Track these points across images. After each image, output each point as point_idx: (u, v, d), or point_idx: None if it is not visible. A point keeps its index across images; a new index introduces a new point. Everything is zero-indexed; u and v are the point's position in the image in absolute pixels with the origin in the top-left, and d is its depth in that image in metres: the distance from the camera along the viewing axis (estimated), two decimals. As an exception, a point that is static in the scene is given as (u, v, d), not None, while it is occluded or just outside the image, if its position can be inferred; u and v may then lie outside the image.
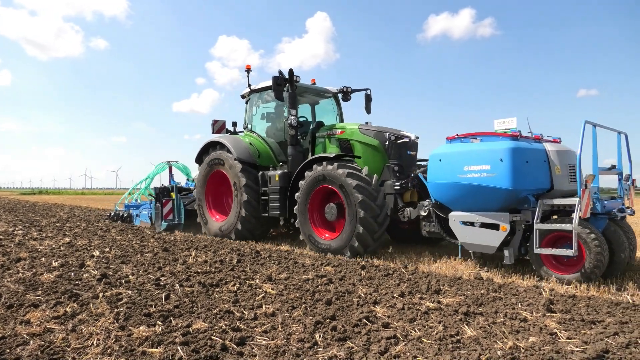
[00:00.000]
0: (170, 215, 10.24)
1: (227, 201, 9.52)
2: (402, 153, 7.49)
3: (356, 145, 7.67)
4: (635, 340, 2.99)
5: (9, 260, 6.15)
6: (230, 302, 3.99)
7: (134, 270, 5.49)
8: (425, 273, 5.36)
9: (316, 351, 2.90)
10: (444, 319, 3.53)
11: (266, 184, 8.24)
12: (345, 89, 9.48)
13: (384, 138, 7.42)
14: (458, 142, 5.79)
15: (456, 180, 5.52)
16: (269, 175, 8.23)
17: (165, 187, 10.78)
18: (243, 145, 8.82)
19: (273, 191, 8.02)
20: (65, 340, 3.07)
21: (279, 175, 7.98)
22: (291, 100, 7.99)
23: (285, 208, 7.89)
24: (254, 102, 9.52)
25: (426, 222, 6.47)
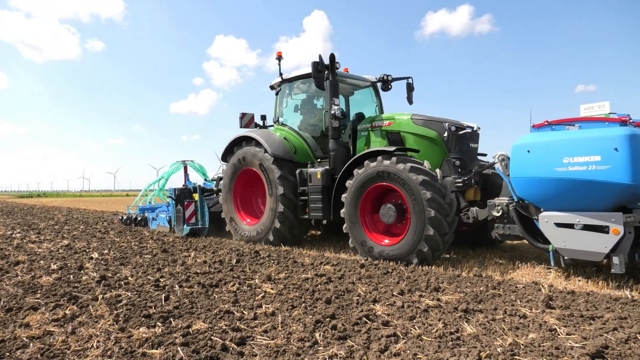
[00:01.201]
0: (192, 218, 9.33)
1: (257, 202, 8.86)
2: (464, 145, 6.75)
3: (408, 137, 6.86)
4: (635, 335, 3.00)
5: (8, 263, 6.14)
6: (230, 303, 3.99)
7: (133, 271, 5.48)
8: (424, 271, 5.36)
9: (316, 350, 2.90)
10: (443, 316, 3.54)
11: (305, 183, 7.49)
12: (385, 78, 8.59)
13: (442, 129, 6.59)
14: (548, 129, 5.01)
15: (553, 175, 4.73)
16: (309, 172, 7.42)
17: (187, 188, 9.87)
18: (277, 139, 8.04)
19: (314, 191, 7.27)
20: (65, 342, 3.07)
21: (321, 173, 7.19)
22: (333, 89, 7.15)
23: (329, 209, 7.11)
24: (285, 93, 8.79)
25: (500, 223, 5.69)
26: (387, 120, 7.15)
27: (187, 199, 9.42)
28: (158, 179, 13.10)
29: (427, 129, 6.71)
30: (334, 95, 7.13)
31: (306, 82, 8.38)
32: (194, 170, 12.16)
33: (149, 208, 12.32)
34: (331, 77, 7.15)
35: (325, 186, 7.15)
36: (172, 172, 12.49)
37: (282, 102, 8.87)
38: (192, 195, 9.56)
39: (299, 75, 8.30)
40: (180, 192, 9.65)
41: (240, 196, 8.70)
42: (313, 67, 7.02)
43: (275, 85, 8.93)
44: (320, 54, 7.11)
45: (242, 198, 8.71)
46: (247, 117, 9.14)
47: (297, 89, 8.70)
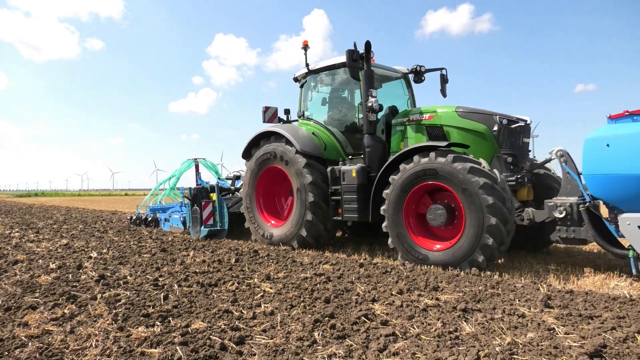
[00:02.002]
0: (210, 219, 8.84)
1: (281, 203, 8.34)
2: (516, 140, 6.17)
3: (452, 132, 6.28)
4: (633, 334, 3.00)
5: (6, 262, 6.13)
6: (228, 302, 3.99)
7: (132, 271, 5.48)
8: (423, 270, 5.36)
9: (315, 349, 2.90)
10: (442, 315, 3.54)
11: (337, 182, 6.95)
12: (418, 69, 7.97)
13: (492, 122, 6.05)
14: (629, 121, 4.60)
15: (637, 171, 4.33)
16: (342, 170, 6.86)
17: (204, 187, 9.29)
18: (305, 135, 7.49)
19: (348, 190, 6.72)
20: (63, 342, 3.07)
21: (357, 171, 6.64)
22: (369, 79, 6.60)
23: (365, 210, 6.55)
24: (311, 85, 8.24)
25: (563, 226, 5.24)
26: (427, 114, 6.56)
27: (204, 199, 8.91)
28: (169, 177, 12.49)
29: (474, 122, 6.15)
30: (371, 85, 6.61)
31: (335, 73, 7.85)
32: (206, 168, 11.68)
33: (160, 208, 11.86)
34: (366, 66, 6.62)
35: (361, 185, 6.62)
36: (184, 170, 11.95)
37: (308, 95, 8.33)
38: (210, 194, 9.05)
39: (328, 65, 7.77)
40: (197, 192, 9.10)
41: (263, 195, 8.17)
42: (348, 55, 6.48)
43: (299, 77, 8.38)
44: (355, 41, 6.59)
45: (265, 197, 8.19)
46: (270, 111, 8.59)
47: (324, 80, 8.17)
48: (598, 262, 5.91)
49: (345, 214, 6.79)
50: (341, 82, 7.98)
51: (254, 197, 8.08)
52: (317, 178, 7.05)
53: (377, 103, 6.54)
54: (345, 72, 7.40)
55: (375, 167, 6.58)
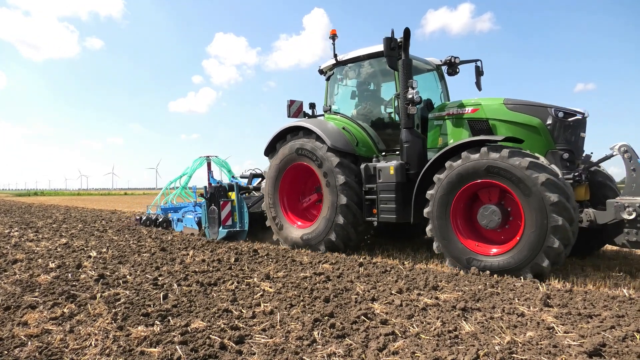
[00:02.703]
0: (229, 220, 8.37)
1: (307, 202, 7.85)
2: (572, 135, 5.65)
3: (500, 126, 5.80)
4: (632, 333, 3.01)
5: (6, 262, 6.13)
6: (228, 301, 4.00)
7: (131, 270, 5.47)
8: (422, 269, 5.37)
9: (315, 349, 2.90)
10: (441, 314, 3.54)
11: (372, 180, 6.49)
12: (452, 60, 7.46)
13: (546, 115, 5.54)
14: None
15: None
16: (378, 167, 6.36)
17: (222, 186, 8.73)
18: (336, 130, 7.01)
19: (385, 188, 6.24)
20: (63, 341, 3.07)
21: (395, 168, 6.14)
22: (408, 69, 6.15)
23: (405, 211, 6.11)
24: (338, 78, 7.80)
25: (632, 228, 4.78)
26: (470, 107, 6.11)
27: (222, 198, 8.41)
28: (179, 176, 11.99)
29: (526, 115, 5.65)
30: (410, 76, 6.15)
31: (366, 64, 7.36)
32: (218, 166, 11.22)
33: (171, 208, 11.36)
34: (404, 55, 6.16)
35: (399, 183, 6.13)
36: (196, 168, 11.49)
37: (334, 88, 7.85)
38: (228, 193, 8.57)
39: (358, 56, 7.29)
40: (215, 191, 8.60)
41: (287, 195, 7.67)
42: (385, 44, 6.02)
43: (326, 68, 7.90)
44: (392, 28, 6.16)
45: (289, 196, 7.70)
46: (295, 105, 8.11)
47: (354, 72, 7.66)
48: (597, 262, 5.91)
49: (382, 214, 6.31)
50: (373, 73, 7.49)
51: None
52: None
53: (417, 95, 6.06)
54: (377, 62, 7.11)
55: (414, 164, 6.16)
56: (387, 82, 7.50)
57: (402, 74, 6.18)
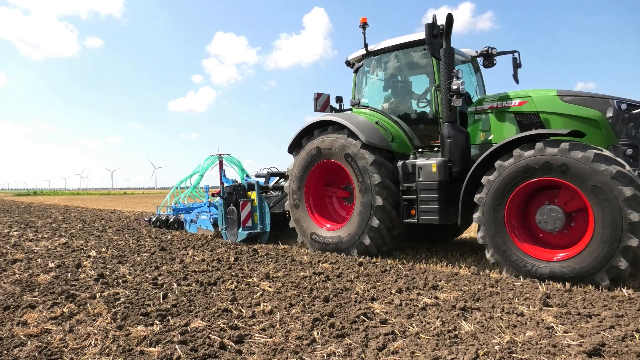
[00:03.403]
0: (249, 221, 7.94)
1: (336, 202, 7.41)
2: (636, 129, 5.18)
3: (554, 120, 5.34)
4: (631, 333, 3.01)
5: (5, 261, 6.13)
6: (228, 301, 4.00)
7: (131, 270, 5.47)
8: (422, 269, 5.37)
9: (314, 348, 2.90)
10: (441, 314, 3.55)
11: (410, 178, 6.02)
12: (488, 51, 6.96)
13: (606, 107, 5.08)
14: None
15: None
16: (418, 165, 5.91)
17: (241, 185, 8.31)
18: (369, 124, 6.55)
19: (427, 188, 5.79)
20: (62, 340, 3.07)
21: (438, 165, 5.71)
22: (450, 58, 5.74)
23: (447, 211, 5.71)
24: (369, 69, 7.30)
25: None
26: (517, 99, 5.65)
27: (242, 198, 7.99)
28: (190, 174, 11.53)
29: (584, 107, 5.18)
30: (453, 65, 5.75)
31: (399, 54, 6.89)
32: (231, 165, 10.83)
33: (183, 208, 10.96)
34: (445, 44, 5.77)
35: (442, 182, 5.71)
36: (207, 167, 11.04)
37: (363, 80, 7.39)
38: (247, 193, 8.12)
39: (391, 45, 6.82)
40: (234, 190, 8.19)
41: (314, 194, 7.20)
42: (427, 30, 5.64)
43: (354, 60, 7.44)
44: (435, 14, 5.79)
45: (315, 196, 7.22)
46: (322, 98, 7.65)
47: (386, 63, 7.15)
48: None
49: (422, 215, 5.85)
50: (407, 64, 7.01)
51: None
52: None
53: (463, 85, 5.63)
54: (411, 52, 6.71)
55: (457, 161, 5.75)
56: (422, 74, 6.98)
57: (444, 63, 5.74)
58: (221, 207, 8.42)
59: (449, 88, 5.67)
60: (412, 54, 6.78)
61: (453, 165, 5.78)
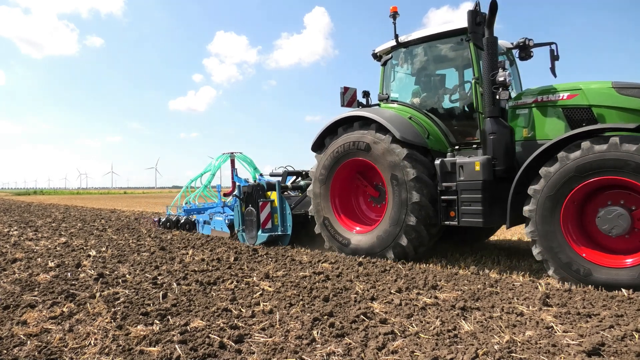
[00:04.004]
0: (269, 222, 7.53)
1: (364, 203, 6.97)
2: None
3: (608, 114, 4.95)
4: (631, 332, 3.01)
5: (5, 261, 6.13)
6: (227, 300, 4.00)
7: (130, 269, 5.47)
8: (422, 269, 5.37)
9: (314, 348, 2.90)
10: (441, 314, 3.55)
11: (449, 177, 5.67)
12: (525, 42, 6.36)
13: None
14: None
15: None
16: (459, 163, 5.54)
17: (260, 184, 7.85)
18: (403, 121, 6.15)
19: (469, 187, 5.43)
20: (62, 340, 3.07)
21: (482, 163, 5.33)
22: (494, 48, 5.41)
23: (492, 213, 5.34)
24: (398, 62, 6.91)
25: None
26: (565, 92, 5.24)
27: (261, 199, 7.60)
28: (200, 173, 11.12)
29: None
30: (496, 56, 5.42)
31: (433, 46, 6.51)
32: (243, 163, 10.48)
33: (195, 209, 10.54)
34: (488, 33, 5.40)
35: (487, 181, 5.33)
36: (219, 166, 10.66)
37: (392, 73, 6.95)
38: (266, 193, 7.72)
39: (425, 36, 6.41)
40: (253, 190, 7.76)
41: (340, 196, 6.80)
42: (470, 18, 5.30)
43: (382, 52, 7.01)
44: (478, 1, 5.45)
45: (341, 197, 6.82)
46: (349, 93, 7.23)
47: (418, 55, 6.73)
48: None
49: (464, 217, 5.47)
50: (440, 56, 6.62)
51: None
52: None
53: (510, 77, 5.29)
54: (446, 44, 6.34)
55: (502, 159, 5.38)
56: (457, 66, 6.57)
57: (487, 54, 5.39)
58: (237, 207, 8.09)
59: (492, 80, 5.34)
60: (447, 45, 6.38)
61: (497, 163, 5.40)
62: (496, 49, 5.45)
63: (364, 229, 6.47)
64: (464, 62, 6.30)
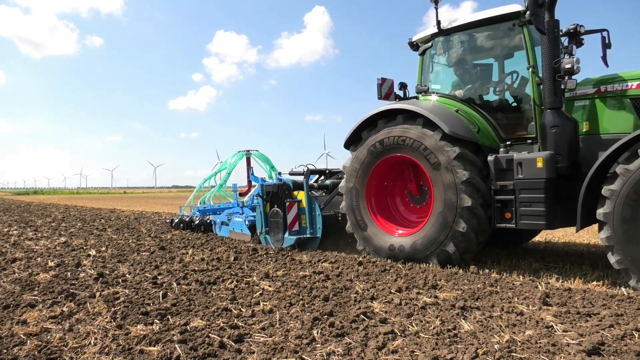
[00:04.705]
0: (296, 224, 7.11)
1: (396, 204, 6.51)
2: None
3: None
4: (631, 332, 3.01)
5: (5, 260, 6.13)
6: (227, 300, 4.00)
7: (130, 269, 5.47)
8: (422, 268, 5.37)
9: (314, 347, 2.90)
10: (441, 313, 3.55)
11: (505, 176, 5.18)
12: (576, 29, 5.69)
13: None
14: None
15: None
16: (518, 160, 5.04)
17: (285, 184, 7.39)
18: (450, 113, 5.65)
19: (530, 187, 4.94)
20: (62, 339, 3.07)
21: (545, 160, 4.84)
22: (556, 32, 4.94)
23: (555, 214, 4.88)
24: (438, 51, 6.41)
25: None
26: (633, 81, 4.78)
27: (288, 199, 7.18)
28: (214, 172, 10.71)
29: None
30: (559, 41, 4.99)
31: (481, 32, 5.98)
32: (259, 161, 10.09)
33: (211, 209, 10.09)
34: (549, 16, 4.93)
35: (550, 180, 4.84)
36: (235, 164, 10.22)
37: (432, 63, 6.48)
38: (292, 193, 7.31)
39: (471, 22, 5.90)
40: (279, 189, 7.33)
41: (376, 195, 6.32)
42: (531, 1, 4.81)
43: (420, 41, 6.54)
44: None
45: (378, 197, 6.33)
46: (387, 84, 6.70)
47: (463, 43, 6.23)
48: (596, 260, 5.92)
49: (523, 219, 4.99)
50: (489, 43, 6.10)
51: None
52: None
53: (578, 63, 4.86)
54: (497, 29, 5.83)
55: (565, 155, 4.91)
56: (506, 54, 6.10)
57: (548, 39, 4.93)
58: (260, 208, 7.63)
59: (556, 68, 4.87)
60: (495, 32, 5.91)
61: (560, 159, 4.92)
62: (559, 33, 4.99)
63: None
64: (514, 49, 5.85)
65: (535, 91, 5.28)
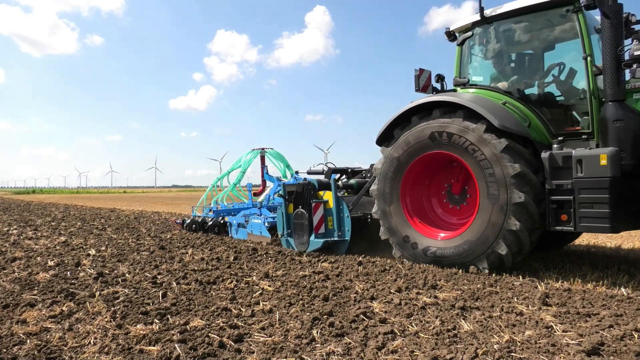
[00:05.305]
0: (322, 227, 6.67)
1: (432, 205, 6.06)
2: None
3: None
4: (630, 332, 3.01)
5: (5, 259, 6.13)
6: (227, 300, 4.00)
7: (130, 268, 5.47)
8: (421, 268, 5.37)
9: (314, 347, 2.90)
10: (440, 313, 3.55)
11: (561, 174, 4.75)
12: (627, 18, 5.23)
13: None
14: None
15: None
16: (577, 157, 4.61)
17: (310, 183, 6.94)
18: (498, 107, 5.24)
19: (592, 186, 4.51)
20: (62, 339, 3.07)
21: (610, 157, 4.41)
22: (619, 17, 4.58)
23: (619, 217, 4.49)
24: (479, 41, 6.00)
25: None
26: None
27: (313, 199, 6.72)
28: (227, 171, 10.38)
29: None
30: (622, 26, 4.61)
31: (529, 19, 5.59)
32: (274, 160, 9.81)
33: (225, 210, 9.63)
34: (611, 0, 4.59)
35: (615, 179, 4.42)
36: (249, 162, 9.89)
37: (472, 54, 6.10)
38: (318, 193, 6.85)
39: (518, 8, 5.45)
40: (304, 189, 6.89)
41: (412, 195, 5.90)
42: None
43: (459, 30, 6.14)
44: None
45: (413, 198, 5.92)
46: (424, 75, 6.33)
47: (508, 31, 5.81)
48: (596, 260, 5.92)
49: (584, 222, 4.56)
50: (538, 31, 5.71)
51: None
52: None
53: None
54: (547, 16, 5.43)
55: (630, 151, 4.53)
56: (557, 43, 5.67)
57: (611, 24, 4.55)
58: (282, 209, 7.21)
59: (620, 55, 4.49)
60: (545, 18, 5.50)
61: (625, 156, 4.54)
62: (622, 18, 4.58)
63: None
64: (566, 37, 5.43)
65: (592, 82, 4.86)
